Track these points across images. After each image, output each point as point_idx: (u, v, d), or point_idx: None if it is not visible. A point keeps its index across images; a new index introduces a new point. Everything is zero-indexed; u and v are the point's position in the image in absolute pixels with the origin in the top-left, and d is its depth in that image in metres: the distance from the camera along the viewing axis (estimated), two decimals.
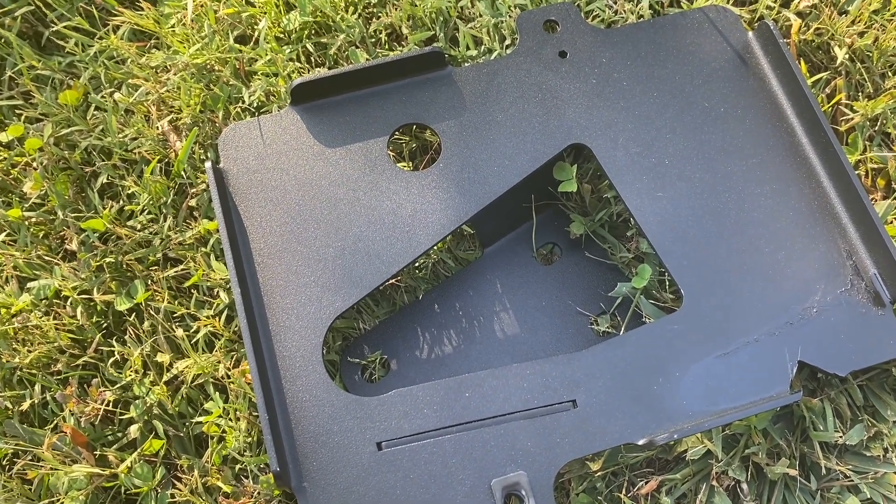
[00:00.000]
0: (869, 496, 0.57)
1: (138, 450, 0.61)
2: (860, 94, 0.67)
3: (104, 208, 0.67)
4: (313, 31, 0.69)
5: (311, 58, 0.69)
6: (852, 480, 0.58)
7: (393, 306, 0.68)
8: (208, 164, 0.59)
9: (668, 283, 0.64)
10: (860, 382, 0.60)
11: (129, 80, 0.70)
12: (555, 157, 0.63)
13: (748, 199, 0.60)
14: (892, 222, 0.64)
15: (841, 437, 0.57)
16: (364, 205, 0.60)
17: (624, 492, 0.59)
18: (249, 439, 0.61)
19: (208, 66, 0.68)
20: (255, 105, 0.67)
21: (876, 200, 0.65)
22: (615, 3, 0.69)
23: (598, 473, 0.59)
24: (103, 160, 0.69)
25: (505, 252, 0.71)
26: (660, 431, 0.53)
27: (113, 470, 0.60)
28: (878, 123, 0.66)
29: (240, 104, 0.66)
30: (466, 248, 0.70)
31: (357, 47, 0.68)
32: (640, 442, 0.53)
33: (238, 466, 0.62)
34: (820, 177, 0.61)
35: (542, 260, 0.71)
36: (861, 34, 0.67)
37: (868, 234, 0.58)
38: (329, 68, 0.69)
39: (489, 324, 0.68)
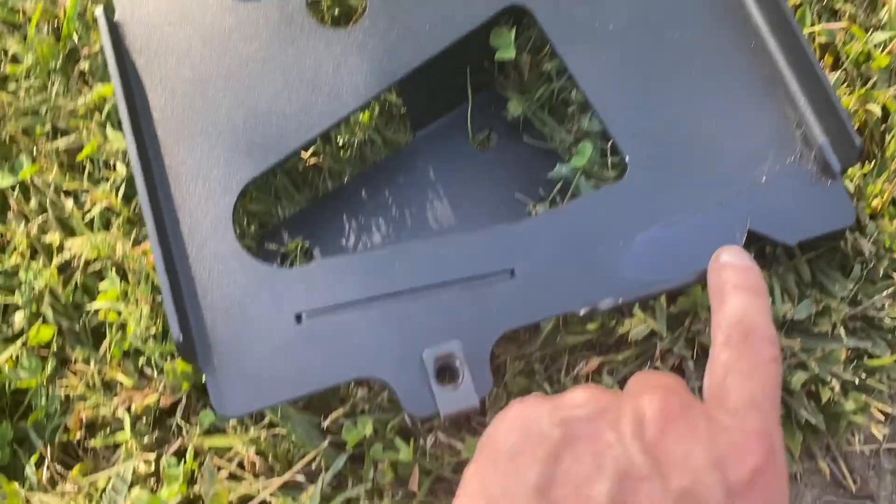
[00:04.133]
0: (817, 372, 0.54)
1: (24, 339, 0.54)
2: None
3: None
4: None
5: None
6: (799, 357, 0.55)
7: (316, 192, 0.62)
8: (99, 12, 0.52)
9: (609, 163, 0.60)
10: (808, 257, 0.57)
11: None
12: (492, 18, 0.57)
13: (695, 66, 0.57)
14: (840, 96, 0.61)
15: (790, 310, 0.55)
16: (280, 63, 0.54)
17: (563, 374, 0.55)
18: (153, 329, 0.55)
19: None
20: None
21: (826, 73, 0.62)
22: None
23: (536, 355, 0.56)
24: None
25: (438, 137, 0.66)
26: (602, 298, 0.49)
27: None
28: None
29: None
30: (396, 130, 0.64)
31: None
32: (582, 312, 0.49)
33: (141, 359, 0.55)
34: (769, 44, 0.57)
35: (478, 146, 0.66)
36: None
37: (818, 103, 0.55)
38: None
39: (421, 213, 0.63)
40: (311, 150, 0.61)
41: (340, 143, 0.62)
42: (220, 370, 0.46)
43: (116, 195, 0.56)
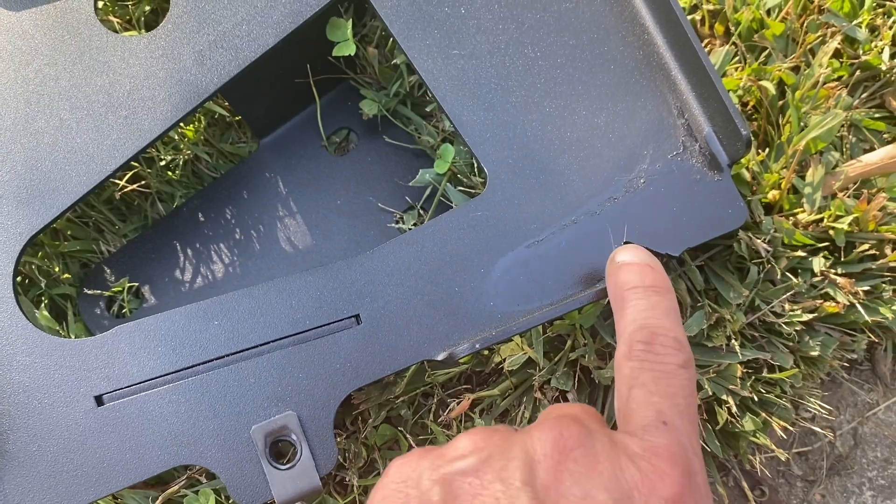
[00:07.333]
0: (711, 392, 0.49)
1: None
2: None
3: None
4: None
5: None
6: None
7: (144, 220, 0.54)
8: None
9: (478, 167, 0.53)
10: (699, 263, 0.52)
11: None
12: (324, 10, 0.49)
13: (561, 52, 0.49)
14: (730, 73, 0.54)
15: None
16: (64, 86, 0.45)
17: (433, 417, 0.49)
18: None
19: None
20: None
21: (713, 48, 0.55)
22: None
23: (403, 399, 0.49)
24: None
25: (287, 143, 0.58)
26: (462, 342, 0.43)
27: None
28: None
29: None
30: (235, 140, 0.56)
31: None
32: (440, 357, 0.43)
33: None
34: (645, 21, 0.50)
35: (334, 150, 0.58)
36: None
37: (701, 87, 0.48)
38: None
39: (271, 232, 0.56)
40: (127, 176, 0.52)
41: (167, 165, 0.53)
42: (8, 475, 0.39)
43: None
